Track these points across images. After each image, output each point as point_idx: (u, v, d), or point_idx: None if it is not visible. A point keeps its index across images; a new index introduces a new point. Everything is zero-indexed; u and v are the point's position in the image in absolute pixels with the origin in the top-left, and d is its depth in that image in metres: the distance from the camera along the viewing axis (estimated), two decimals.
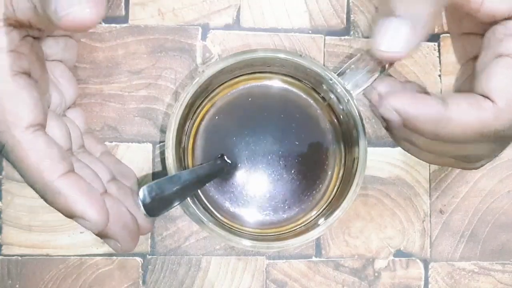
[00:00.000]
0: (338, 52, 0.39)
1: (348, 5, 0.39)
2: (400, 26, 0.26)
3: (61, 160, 0.26)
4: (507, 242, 0.40)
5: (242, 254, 0.37)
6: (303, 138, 0.36)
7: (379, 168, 0.39)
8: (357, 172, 0.32)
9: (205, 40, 0.38)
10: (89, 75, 0.37)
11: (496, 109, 0.26)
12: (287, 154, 0.35)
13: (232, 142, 0.35)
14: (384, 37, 0.27)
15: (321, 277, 0.38)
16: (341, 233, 0.38)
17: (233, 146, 0.35)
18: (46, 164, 0.25)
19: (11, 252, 0.36)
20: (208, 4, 0.38)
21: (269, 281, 0.38)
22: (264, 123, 0.35)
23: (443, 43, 0.39)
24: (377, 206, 0.38)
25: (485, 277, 0.39)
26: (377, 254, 0.38)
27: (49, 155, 0.25)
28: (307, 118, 0.36)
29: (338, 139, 0.36)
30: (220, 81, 0.35)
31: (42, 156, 0.25)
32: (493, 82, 0.26)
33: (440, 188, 0.39)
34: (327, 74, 0.32)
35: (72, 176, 0.26)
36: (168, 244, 0.37)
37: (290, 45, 0.38)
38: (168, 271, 0.37)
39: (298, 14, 0.39)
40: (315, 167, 0.36)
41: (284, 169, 0.35)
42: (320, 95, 0.35)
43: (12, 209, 0.36)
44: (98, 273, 0.37)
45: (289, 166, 0.35)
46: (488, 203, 0.39)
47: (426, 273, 0.39)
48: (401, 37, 0.26)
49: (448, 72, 0.39)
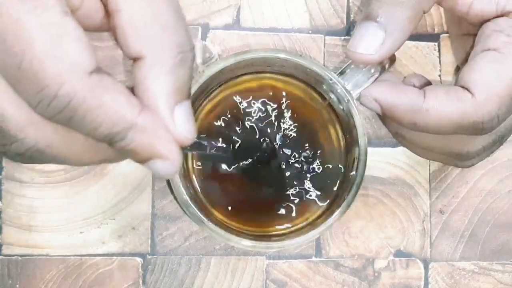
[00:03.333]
0: (338, 52, 0.39)
1: (348, 5, 0.39)
2: (378, 31, 0.27)
3: (132, 95, 0.22)
4: (507, 242, 0.40)
5: (242, 254, 0.37)
6: (303, 138, 0.36)
7: (379, 168, 0.38)
8: (357, 172, 0.32)
9: (205, 40, 0.38)
10: None
11: (474, 101, 0.26)
12: (287, 154, 0.35)
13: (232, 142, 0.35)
14: (361, 40, 0.28)
15: (321, 277, 0.38)
16: (341, 233, 0.38)
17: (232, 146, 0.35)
18: (123, 103, 0.21)
19: (11, 252, 0.36)
20: (208, 4, 0.38)
21: (269, 281, 0.38)
22: (263, 124, 0.35)
23: (443, 43, 0.39)
24: (377, 206, 0.38)
25: (485, 277, 0.39)
26: (377, 254, 0.38)
27: (123, 92, 0.21)
28: (307, 118, 0.36)
29: (338, 139, 0.36)
30: (220, 81, 0.35)
31: (118, 96, 0.21)
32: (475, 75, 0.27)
33: (440, 188, 0.39)
34: (327, 74, 0.32)
35: (147, 109, 0.22)
36: (168, 244, 0.37)
37: (290, 45, 0.38)
38: (168, 271, 0.37)
39: (298, 14, 0.38)
40: (315, 167, 0.36)
41: (284, 169, 0.35)
42: (320, 95, 0.35)
43: (12, 209, 0.36)
44: (98, 273, 0.37)
45: (289, 166, 0.35)
46: (488, 203, 0.39)
47: (426, 273, 0.39)
48: (378, 42, 0.27)
49: (448, 72, 0.39)
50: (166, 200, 0.37)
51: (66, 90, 0.20)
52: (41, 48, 0.20)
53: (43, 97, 0.20)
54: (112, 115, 0.21)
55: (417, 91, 0.27)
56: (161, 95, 0.22)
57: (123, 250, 0.37)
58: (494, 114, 0.26)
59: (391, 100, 0.27)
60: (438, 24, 0.39)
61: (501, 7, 0.28)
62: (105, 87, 0.21)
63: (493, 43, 0.27)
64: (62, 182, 0.37)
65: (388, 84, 0.28)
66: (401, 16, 0.27)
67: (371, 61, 0.28)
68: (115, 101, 0.21)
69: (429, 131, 0.27)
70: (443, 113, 0.26)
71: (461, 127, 0.27)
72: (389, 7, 0.27)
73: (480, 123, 0.26)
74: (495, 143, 0.30)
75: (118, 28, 0.22)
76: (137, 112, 0.21)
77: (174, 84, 0.22)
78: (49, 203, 0.36)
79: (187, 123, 0.22)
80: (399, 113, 0.27)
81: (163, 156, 0.22)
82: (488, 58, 0.27)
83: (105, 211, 0.37)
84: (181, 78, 0.22)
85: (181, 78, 0.22)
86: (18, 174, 0.36)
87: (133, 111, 0.21)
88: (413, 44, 0.39)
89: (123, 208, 0.37)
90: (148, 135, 0.22)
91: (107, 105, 0.21)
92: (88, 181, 0.37)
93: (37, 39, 0.20)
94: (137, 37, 0.21)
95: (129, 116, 0.21)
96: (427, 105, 0.27)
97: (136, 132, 0.21)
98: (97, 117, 0.21)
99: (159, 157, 0.22)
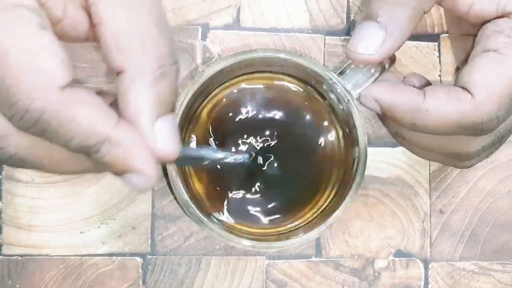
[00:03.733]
0: (338, 52, 0.39)
1: (348, 5, 0.39)
2: (378, 31, 0.27)
3: (108, 108, 0.22)
4: (507, 242, 0.40)
5: (242, 254, 0.37)
6: (303, 138, 0.36)
7: (379, 168, 0.39)
8: (357, 172, 0.32)
9: (205, 40, 0.38)
10: (88, 75, 0.37)
11: (474, 102, 0.26)
12: (287, 154, 0.35)
13: (231, 142, 0.35)
14: (361, 40, 0.28)
15: (321, 277, 0.38)
16: (341, 233, 0.38)
17: (232, 146, 0.35)
18: (98, 116, 0.21)
19: (11, 252, 0.36)
20: (208, 4, 0.38)
21: (269, 281, 0.38)
22: (264, 123, 0.35)
23: (443, 43, 0.39)
24: (377, 206, 0.38)
25: (485, 277, 0.39)
26: (377, 254, 0.38)
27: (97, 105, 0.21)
28: (307, 118, 0.36)
29: (338, 139, 0.36)
30: (220, 81, 0.35)
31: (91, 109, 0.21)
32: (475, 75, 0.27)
33: (440, 188, 0.39)
34: (327, 74, 0.32)
35: (123, 122, 0.22)
36: (168, 244, 0.37)
37: (290, 45, 0.38)
38: (168, 271, 0.37)
39: (298, 14, 0.38)
40: (315, 167, 0.36)
41: (284, 169, 0.35)
42: (320, 95, 0.35)
43: (12, 209, 0.36)
44: (98, 273, 0.37)
45: (289, 166, 0.35)
46: (488, 203, 0.39)
47: (426, 273, 0.39)
48: (378, 42, 0.27)
49: (448, 72, 0.39)
50: (166, 200, 0.37)
51: (38, 105, 0.20)
52: (14, 61, 0.20)
53: (15, 111, 0.20)
54: (85, 128, 0.21)
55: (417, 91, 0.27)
56: (142, 109, 0.22)
57: (123, 250, 0.37)
58: (493, 115, 0.26)
59: (391, 100, 0.27)
60: (438, 24, 0.39)
61: (502, 8, 0.28)
62: (78, 101, 0.21)
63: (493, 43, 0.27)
64: (62, 182, 0.37)
65: (388, 84, 0.28)
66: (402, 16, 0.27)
67: (371, 61, 0.28)
68: (89, 115, 0.21)
69: (429, 131, 0.27)
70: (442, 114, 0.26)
71: (461, 128, 0.27)
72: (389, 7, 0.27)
73: (479, 123, 0.26)
74: (494, 144, 0.30)
75: (101, 40, 0.22)
76: (112, 125, 0.21)
77: (156, 98, 0.22)
78: (49, 203, 0.37)
79: (169, 137, 0.22)
80: (399, 113, 0.27)
81: (138, 170, 0.22)
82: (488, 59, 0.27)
83: (105, 211, 0.37)
84: (163, 92, 0.22)
85: (163, 92, 0.22)
86: (18, 174, 0.36)
87: (108, 124, 0.21)
88: (413, 44, 0.39)
89: (123, 208, 0.37)
90: (123, 149, 0.22)
91: (80, 119, 0.21)
92: (88, 181, 0.37)
93: (10, 53, 0.20)
94: (118, 50, 0.21)
95: (103, 129, 0.21)
96: (427, 105, 0.27)
97: (110, 145, 0.21)
98: (69, 130, 0.21)
99: (134, 171, 0.22)
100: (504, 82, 0.26)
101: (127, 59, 0.21)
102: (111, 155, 0.22)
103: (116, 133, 0.21)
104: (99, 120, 0.21)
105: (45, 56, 0.20)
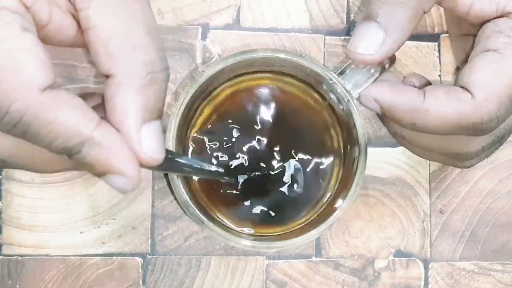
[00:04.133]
0: (338, 52, 0.39)
1: (348, 5, 0.39)
2: (378, 31, 0.27)
3: (90, 109, 0.22)
4: (507, 242, 0.40)
5: (242, 254, 0.37)
6: (303, 138, 0.36)
7: (379, 168, 0.38)
8: (357, 172, 0.32)
9: (205, 40, 0.38)
10: (88, 75, 0.37)
11: (474, 102, 0.26)
12: (287, 154, 0.35)
13: (231, 142, 0.35)
14: (361, 40, 0.28)
15: (321, 277, 0.38)
16: (341, 233, 0.38)
17: (232, 146, 0.35)
18: (79, 117, 0.21)
19: (11, 252, 0.36)
20: (208, 4, 0.38)
21: (269, 281, 0.38)
22: (264, 124, 0.35)
23: (443, 43, 0.39)
24: (377, 206, 0.38)
25: (485, 277, 0.39)
26: (377, 254, 0.38)
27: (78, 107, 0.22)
28: (307, 118, 0.36)
29: (338, 139, 0.36)
30: (220, 81, 0.35)
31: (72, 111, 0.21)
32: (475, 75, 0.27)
33: (440, 188, 0.39)
34: (327, 74, 0.32)
35: (104, 124, 0.22)
36: (168, 244, 0.37)
37: (290, 45, 0.38)
38: (168, 271, 0.37)
39: (298, 14, 0.38)
40: (315, 167, 0.36)
41: (283, 169, 0.35)
42: (320, 95, 0.35)
43: (12, 209, 0.36)
44: (98, 273, 0.37)
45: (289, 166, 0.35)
46: (488, 203, 0.39)
47: (426, 273, 0.39)
48: (378, 42, 0.27)
49: (448, 72, 0.39)
50: (166, 200, 0.37)
51: (17, 107, 0.20)
52: None
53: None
54: (66, 129, 0.21)
55: (417, 91, 0.27)
56: (128, 114, 0.22)
57: (123, 250, 0.37)
58: (493, 115, 0.26)
59: (391, 100, 0.27)
60: (438, 24, 0.39)
61: (501, 8, 0.28)
62: (59, 102, 0.21)
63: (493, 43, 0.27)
64: (62, 182, 0.37)
65: (388, 84, 0.28)
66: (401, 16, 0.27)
67: (371, 61, 0.28)
68: (70, 116, 0.21)
69: (429, 131, 0.27)
70: (442, 113, 0.26)
71: (461, 128, 0.27)
72: (389, 7, 0.27)
73: (479, 123, 0.26)
74: (494, 144, 0.30)
75: (90, 45, 0.22)
76: (93, 126, 0.22)
77: (142, 103, 0.22)
78: (49, 203, 0.37)
79: (154, 143, 0.22)
80: (399, 113, 0.27)
81: (119, 172, 0.22)
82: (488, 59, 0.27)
83: (105, 211, 0.37)
84: (150, 98, 0.22)
85: (150, 98, 0.22)
86: (18, 174, 0.36)
87: (89, 125, 0.22)
88: (413, 44, 0.39)
89: (123, 208, 0.37)
90: (104, 150, 0.22)
91: (61, 120, 0.21)
92: (88, 181, 0.37)
93: None
94: (107, 55, 0.22)
95: (84, 131, 0.21)
96: (426, 105, 0.27)
97: (91, 146, 0.22)
98: (50, 131, 0.21)
99: (115, 173, 0.22)
100: (504, 82, 0.26)
101: (116, 64, 0.22)
102: (91, 156, 0.22)
103: (97, 134, 0.22)
104: (80, 121, 0.21)
105: (26, 57, 0.20)
